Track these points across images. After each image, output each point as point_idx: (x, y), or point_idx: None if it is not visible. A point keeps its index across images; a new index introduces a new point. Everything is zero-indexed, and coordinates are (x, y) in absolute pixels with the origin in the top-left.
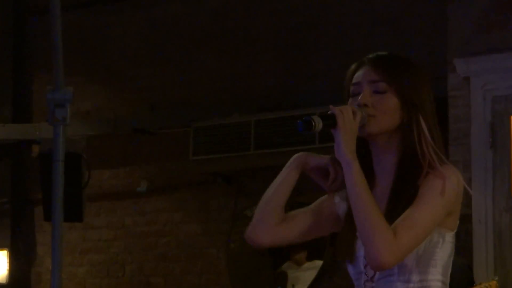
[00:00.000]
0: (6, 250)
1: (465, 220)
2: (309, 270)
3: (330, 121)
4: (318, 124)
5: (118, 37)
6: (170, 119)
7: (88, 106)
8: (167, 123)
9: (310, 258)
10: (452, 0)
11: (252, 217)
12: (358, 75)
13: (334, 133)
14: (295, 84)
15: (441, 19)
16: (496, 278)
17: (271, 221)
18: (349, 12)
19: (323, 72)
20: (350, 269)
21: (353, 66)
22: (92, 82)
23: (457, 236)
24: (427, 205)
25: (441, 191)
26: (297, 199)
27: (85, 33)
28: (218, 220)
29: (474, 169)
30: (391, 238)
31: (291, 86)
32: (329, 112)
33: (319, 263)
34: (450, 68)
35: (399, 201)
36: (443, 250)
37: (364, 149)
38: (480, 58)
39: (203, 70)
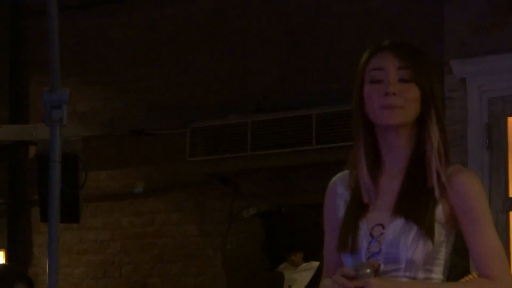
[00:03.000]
0: (2, 251)
1: None
2: (306, 271)
3: None
4: None
5: (114, 38)
6: (167, 120)
7: (85, 107)
8: (163, 124)
9: (306, 259)
10: (448, 2)
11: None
12: (380, 61)
13: None
14: (292, 85)
15: (438, 20)
16: None
17: None
18: (345, 13)
19: (320, 73)
20: (349, 260)
21: (369, 51)
22: (89, 83)
23: (455, 236)
24: (490, 228)
25: (484, 199)
26: (296, 200)
27: (82, 34)
28: (214, 221)
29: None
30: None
31: (288, 87)
32: None
33: (315, 264)
34: (447, 69)
35: (409, 197)
36: (447, 248)
37: (371, 135)
38: (476, 60)
39: (199, 71)
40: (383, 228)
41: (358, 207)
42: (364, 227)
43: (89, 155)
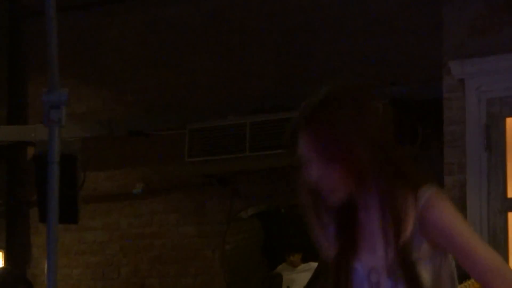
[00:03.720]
0: (1, 251)
1: None
2: (304, 272)
3: None
4: None
5: (113, 39)
6: (166, 121)
7: (83, 108)
8: (162, 125)
9: (305, 260)
10: (447, 2)
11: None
12: (300, 144)
13: None
14: (290, 86)
15: (436, 21)
16: None
17: None
18: (344, 15)
19: (318, 74)
20: None
21: (290, 128)
22: (88, 84)
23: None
24: (479, 247)
25: (461, 222)
26: (295, 200)
27: (81, 35)
28: (213, 222)
29: (469, 171)
30: None
31: (286, 88)
32: None
33: (314, 265)
34: (445, 70)
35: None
36: (447, 265)
37: None
38: (475, 60)
39: (198, 72)
40: (378, 273)
41: (347, 247)
42: (360, 269)
43: (87, 156)
